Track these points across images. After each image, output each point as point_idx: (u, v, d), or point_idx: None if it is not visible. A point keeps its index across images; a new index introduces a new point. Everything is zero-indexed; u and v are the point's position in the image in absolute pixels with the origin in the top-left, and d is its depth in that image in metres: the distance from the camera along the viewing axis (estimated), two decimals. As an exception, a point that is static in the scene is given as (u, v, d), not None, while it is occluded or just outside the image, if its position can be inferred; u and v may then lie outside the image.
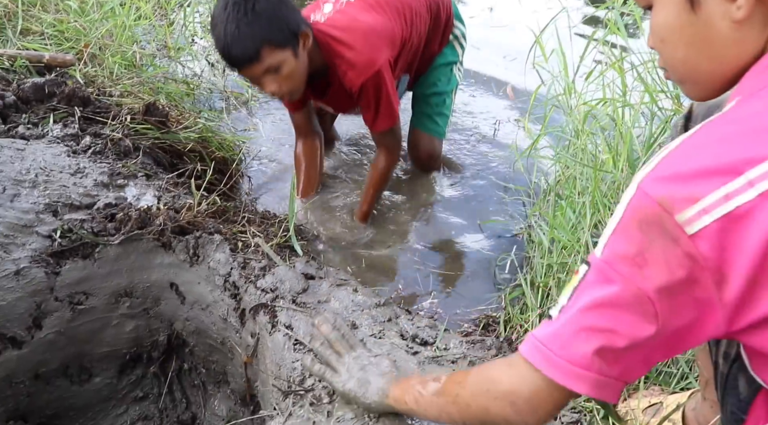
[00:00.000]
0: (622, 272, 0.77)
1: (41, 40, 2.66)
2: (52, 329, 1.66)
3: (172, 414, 1.89)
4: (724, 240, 0.70)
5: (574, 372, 0.83)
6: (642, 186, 0.76)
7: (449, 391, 1.06)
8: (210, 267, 1.75)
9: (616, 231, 0.79)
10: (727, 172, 0.70)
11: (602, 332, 0.80)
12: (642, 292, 0.76)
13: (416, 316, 1.75)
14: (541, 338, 0.86)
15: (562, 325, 0.84)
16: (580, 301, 0.82)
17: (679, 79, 0.91)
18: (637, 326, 0.78)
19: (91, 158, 2.00)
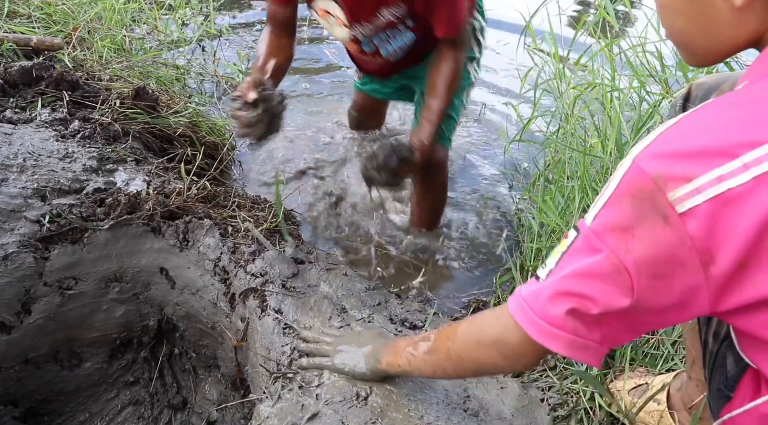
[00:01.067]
0: (608, 244, 0.78)
1: (28, 23, 2.64)
2: (42, 314, 1.66)
3: (162, 399, 1.89)
4: (714, 221, 0.70)
5: (549, 330, 0.86)
6: (638, 161, 0.75)
7: (440, 347, 1.10)
8: (200, 252, 1.75)
9: (608, 203, 0.79)
10: (723, 154, 0.70)
11: (577, 296, 0.82)
12: (621, 264, 0.77)
13: (406, 300, 1.76)
14: (525, 296, 0.90)
15: (544, 287, 0.87)
16: (565, 267, 0.84)
17: (676, 44, 0.92)
18: (611, 296, 0.80)
19: (79, 143, 1.99)
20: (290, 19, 1.95)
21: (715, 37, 0.83)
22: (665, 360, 1.46)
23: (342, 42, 2.06)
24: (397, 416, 1.28)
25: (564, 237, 0.87)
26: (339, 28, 1.93)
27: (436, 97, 1.86)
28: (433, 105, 1.86)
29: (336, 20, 1.91)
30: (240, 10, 3.90)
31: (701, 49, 0.86)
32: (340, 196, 2.48)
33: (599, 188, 1.86)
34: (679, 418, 1.26)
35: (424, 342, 1.16)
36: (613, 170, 1.85)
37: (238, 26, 3.70)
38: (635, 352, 1.48)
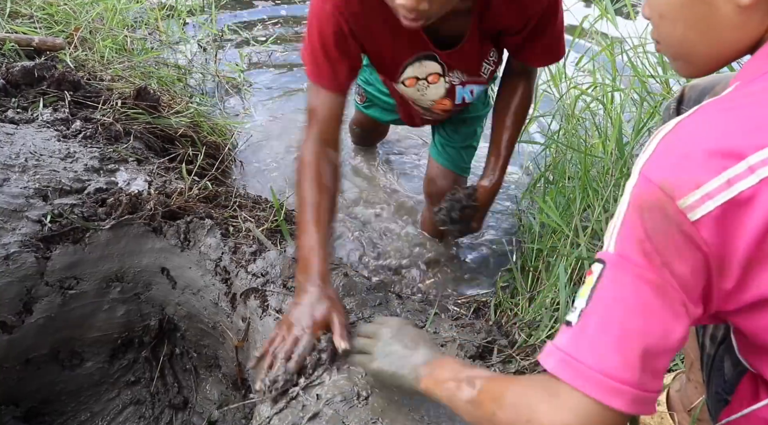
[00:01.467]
0: (638, 262, 0.74)
1: (30, 23, 2.65)
2: (43, 314, 1.66)
3: (164, 399, 1.89)
4: (726, 226, 0.70)
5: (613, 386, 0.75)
6: (644, 172, 0.74)
7: (486, 407, 0.95)
8: (201, 252, 1.75)
9: (625, 222, 0.76)
10: (728, 156, 0.69)
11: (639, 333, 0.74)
12: (666, 282, 0.73)
13: (407, 300, 1.76)
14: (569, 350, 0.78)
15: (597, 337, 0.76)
16: (604, 302, 0.77)
17: (672, 55, 0.89)
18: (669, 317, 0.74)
19: (81, 143, 1.99)
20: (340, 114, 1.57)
21: (717, 42, 0.81)
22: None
23: (430, 105, 1.82)
24: (398, 416, 1.28)
25: (587, 274, 0.80)
26: (433, 87, 1.71)
27: (507, 137, 1.73)
28: (504, 146, 1.73)
29: (431, 77, 1.67)
30: (242, 9, 3.90)
31: (702, 57, 0.84)
32: (344, 197, 2.48)
33: (600, 189, 1.86)
34: (678, 419, 1.26)
35: (469, 387, 1.00)
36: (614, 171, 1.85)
37: (239, 26, 3.70)
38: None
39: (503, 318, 1.79)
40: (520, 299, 1.82)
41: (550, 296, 1.72)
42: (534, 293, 1.82)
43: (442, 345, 1.53)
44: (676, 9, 0.82)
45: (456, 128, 2.03)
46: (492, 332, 1.62)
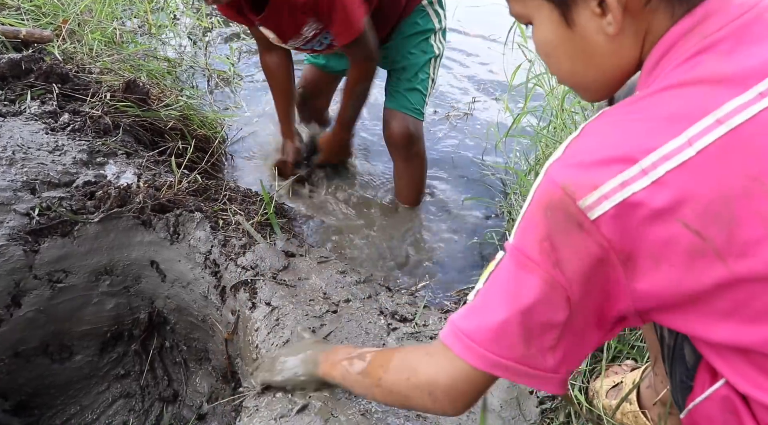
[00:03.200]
0: (533, 258, 0.80)
1: (17, 15, 2.62)
2: (32, 307, 1.66)
3: (153, 392, 1.89)
4: (623, 224, 0.74)
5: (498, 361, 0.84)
6: (549, 173, 0.78)
7: (373, 374, 1.08)
8: (190, 245, 1.75)
9: (525, 217, 0.81)
10: (623, 160, 0.73)
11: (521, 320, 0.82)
12: (554, 278, 0.79)
13: (396, 293, 1.77)
14: (461, 326, 0.88)
15: (481, 312, 0.86)
16: (495, 287, 0.85)
17: (570, 86, 0.95)
18: (551, 311, 0.80)
19: (69, 136, 1.98)
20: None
21: (601, 68, 0.86)
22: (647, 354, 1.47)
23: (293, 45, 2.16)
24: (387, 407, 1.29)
25: (492, 259, 0.88)
26: (271, 35, 2.10)
27: (344, 106, 2.22)
28: (343, 113, 2.25)
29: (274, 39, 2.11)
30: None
31: (595, 83, 0.89)
32: (334, 188, 2.48)
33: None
34: (651, 416, 1.27)
35: (360, 360, 1.14)
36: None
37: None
38: (623, 344, 1.49)
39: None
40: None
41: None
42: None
43: (431, 338, 1.54)
44: (557, 48, 0.87)
45: (398, 75, 2.26)
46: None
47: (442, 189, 2.53)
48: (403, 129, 2.23)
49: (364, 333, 1.53)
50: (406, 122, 2.23)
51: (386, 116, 2.27)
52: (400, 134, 2.23)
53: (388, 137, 2.28)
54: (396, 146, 2.28)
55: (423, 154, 2.34)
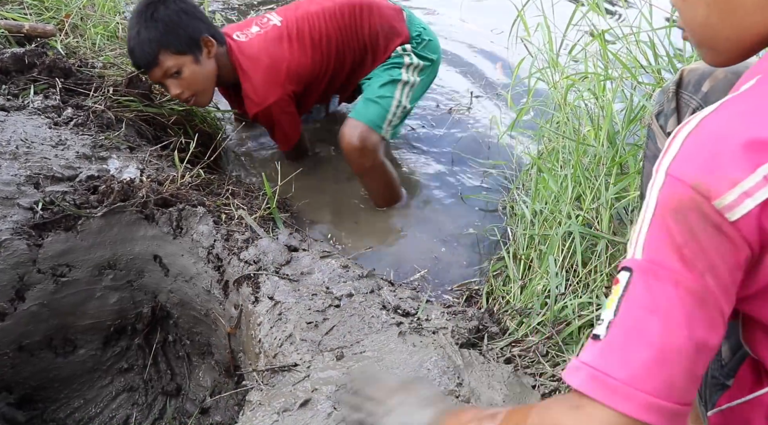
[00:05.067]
0: (674, 269, 0.69)
1: (20, 9, 2.62)
2: (35, 301, 1.66)
3: (156, 386, 1.90)
4: (763, 222, 0.67)
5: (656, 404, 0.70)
6: (671, 172, 0.70)
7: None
8: (193, 239, 1.75)
9: (653, 226, 0.71)
10: (761, 150, 0.66)
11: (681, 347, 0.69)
12: (706, 290, 0.69)
13: (399, 288, 1.77)
14: (599, 366, 0.72)
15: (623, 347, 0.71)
16: (635, 312, 0.72)
17: (696, 42, 0.86)
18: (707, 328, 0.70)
19: (72, 130, 1.99)
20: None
21: (740, 25, 0.78)
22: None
23: None
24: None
25: (613, 284, 0.75)
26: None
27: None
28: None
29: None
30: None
31: (725, 42, 0.81)
32: (338, 183, 2.48)
33: (592, 177, 1.87)
34: None
35: (491, 421, 0.94)
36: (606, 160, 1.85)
37: (230, 12, 3.68)
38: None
39: (495, 306, 1.80)
40: (511, 287, 1.83)
41: (541, 283, 1.73)
42: (526, 280, 1.83)
43: (434, 333, 1.55)
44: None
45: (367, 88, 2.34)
46: (483, 319, 1.63)
47: (443, 184, 2.53)
48: (355, 140, 2.21)
49: (366, 327, 1.53)
50: (356, 130, 2.22)
51: (343, 125, 2.28)
52: (353, 145, 2.22)
53: (343, 148, 2.26)
54: (349, 158, 2.27)
55: (379, 166, 2.29)
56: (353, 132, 2.22)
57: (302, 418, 1.24)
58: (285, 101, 2.21)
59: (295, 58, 2.19)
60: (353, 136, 2.22)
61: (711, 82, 1.06)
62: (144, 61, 2.06)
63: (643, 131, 1.93)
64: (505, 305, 1.78)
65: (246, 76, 2.18)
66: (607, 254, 1.70)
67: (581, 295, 1.64)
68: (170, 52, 2.04)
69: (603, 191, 1.79)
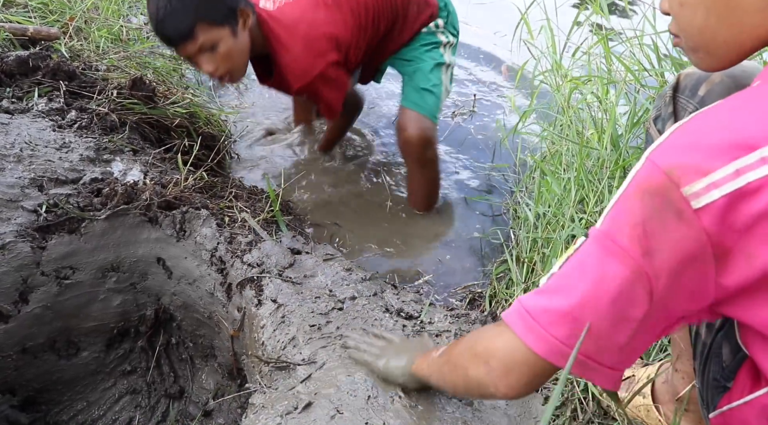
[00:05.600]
0: (622, 245, 0.74)
1: (25, 12, 2.63)
2: (39, 303, 1.67)
3: (160, 388, 1.90)
4: (729, 215, 0.69)
5: (558, 346, 0.79)
6: (651, 158, 0.73)
7: (447, 351, 1.06)
8: (197, 242, 1.75)
9: (619, 202, 0.76)
10: (740, 147, 0.68)
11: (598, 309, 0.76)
12: (641, 268, 0.73)
13: (402, 291, 1.77)
14: (527, 305, 0.83)
15: (553, 294, 0.80)
16: (573, 271, 0.79)
17: (692, 46, 0.86)
18: (631, 304, 0.75)
19: (76, 133, 1.99)
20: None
21: (739, 27, 0.79)
22: (662, 350, 1.47)
23: None
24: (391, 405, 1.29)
25: (573, 243, 0.82)
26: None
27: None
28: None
29: None
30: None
31: (723, 46, 0.82)
32: (341, 186, 2.48)
33: (595, 180, 1.86)
34: (664, 411, 1.26)
35: (444, 347, 1.11)
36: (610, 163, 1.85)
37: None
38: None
39: (498, 309, 1.80)
40: (515, 290, 1.82)
41: (544, 286, 1.73)
42: (529, 283, 1.83)
43: (437, 336, 1.54)
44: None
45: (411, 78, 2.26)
46: (486, 322, 1.63)
47: (447, 186, 2.53)
48: (419, 132, 2.18)
49: (370, 330, 1.53)
50: (421, 124, 2.19)
51: (402, 116, 2.23)
52: (417, 137, 2.19)
53: (404, 140, 2.22)
54: (411, 151, 2.24)
55: (437, 158, 2.31)
56: (418, 125, 2.17)
57: (305, 421, 1.24)
58: (331, 69, 2.04)
59: (336, 25, 2.02)
60: (419, 129, 2.17)
61: (707, 86, 1.07)
62: (177, 35, 1.81)
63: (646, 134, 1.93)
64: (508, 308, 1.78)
65: (284, 47, 1.98)
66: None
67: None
68: (207, 24, 1.80)
69: (606, 194, 1.78)
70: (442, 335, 1.54)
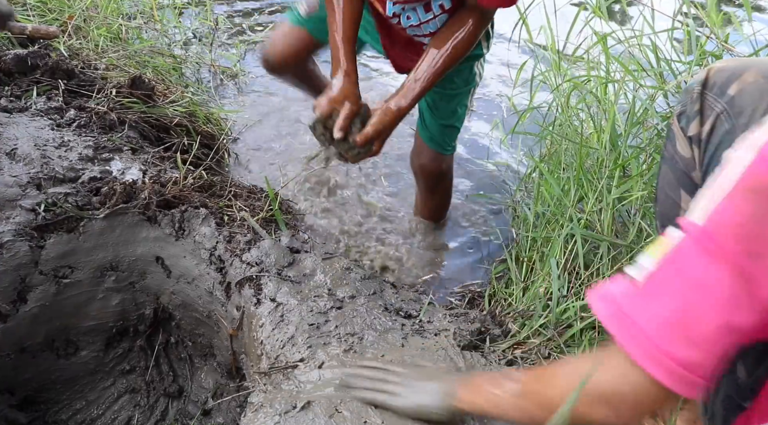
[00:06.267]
0: (726, 247, 0.69)
1: (23, 10, 2.63)
2: (37, 302, 1.66)
3: (159, 387, 1.90)
4: None
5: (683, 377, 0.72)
6: (765, 152, 0.67)
7: (533, 393, 0.93)
8: (196, 241, 1.75)
9: (726, 200, 0.69)
10: None
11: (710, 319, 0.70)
12: (744, 270, 0.68)
13: (401, 290, 1.77)
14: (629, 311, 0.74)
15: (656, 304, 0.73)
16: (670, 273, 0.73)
17: None
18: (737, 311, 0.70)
19: (75, 132, 1.99)
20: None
21: None
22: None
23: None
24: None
25: (662, 234, 0.76)
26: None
27: (434, 62, 1.61)
28: (427, 71, 1.62)
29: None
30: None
31: None
32: (340, 185, 2.48)
33: (594, 179, 1.86)
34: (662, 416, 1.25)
35: (511, 382, 0.98)
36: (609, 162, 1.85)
37: (235, 15, 3.69)
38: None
39: (497, 308, 1.80)
40: (514, 289, 1.82)
41: (543, 286, 1.73)
42: (528, 283, 1.83)
43: (435, 335, 1.54)
44: None
45: (438, 104, 1.99)
46: (485, 321, 1.63)
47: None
48: (434, 167, 2.09)
49: (369, 328, 1.53)
50: (438, 161, 2.08)
51: (419, 145, 2.09)
52: (430, 170, 2.10)
53: (418, 169, 2.13)
54: (424, 179, 2.16)
55: (450, 184, 2.22)
56: (434, 162, 2.07)
57: (304, 420, 1.24)
58: None
59: None
60: (434, 165, 2.08)
61: (739, 85, 1.00)
62: None
63: (645, 133, 1.93)
64: (507, 307, 1.78)
65: None
66: (609, 256, 1.69)
67: (583, 297, 1.64)
68: None
69: (605, 193, 1.78)
70: (440, 334, 1.54)
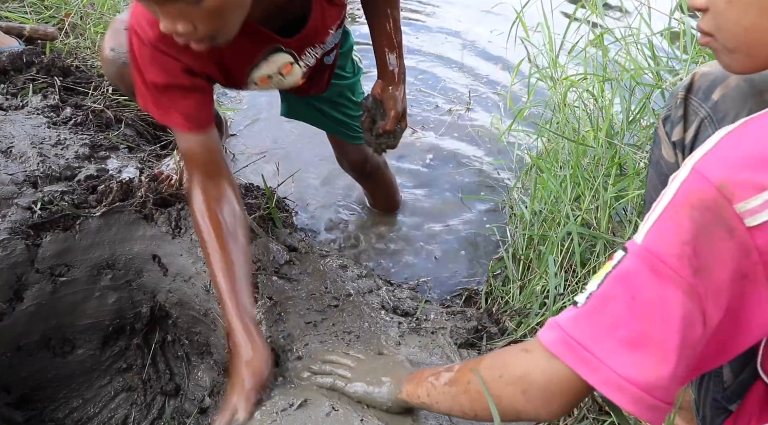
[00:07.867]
0: (671, 264, 0.69)
1: (20, 8, 2.62)
2: (34, 301, 1.66)
3: (155, 385, 1.90)
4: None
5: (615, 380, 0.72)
6: (698, 168, 0.68)
7: (462, 379, 0.96)
8: (192, 239, 1.75)
9: (663, 216, 0.70)
10: None
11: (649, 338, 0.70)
12: (693, 288, 0.68)
13: (398, 288, 1.77)
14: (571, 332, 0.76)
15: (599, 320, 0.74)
16: (616, 293, 0.73)
17: (731, 47, 0.81)
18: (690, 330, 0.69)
19: (71, 130, 1.98)
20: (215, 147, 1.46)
21: None
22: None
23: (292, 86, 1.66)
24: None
25: (608, 259, 0.76)
26: (289, 76, 1.57)
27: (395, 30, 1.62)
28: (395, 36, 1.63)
29: (284, 68, 1.52)
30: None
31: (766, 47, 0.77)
32: (336, 184, 2.48)
33: (591, 178, 1.87)
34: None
35: (448, 372, 1.02)
36: (605, 161, 1.85)
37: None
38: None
39: (494, 306, 1.80)
40: (511, 287, 1.83)
41: (540, 284, 1.74)
42: (525, 281, 1.83)
43: (432, 333, 1.55)
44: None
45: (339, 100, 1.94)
46: (482, 319, 1.63)
47: (442, 184, 2.53)
48: (362, 157, 2.10)
49: (365, 326, 1.53)
50: (363, 151, 2.07)
51: (340, 147, 2.09)
52: (361, 162, 2.12)
53: (350, 167, 2.16)
54: (358, 173, 2.20)
55: (379, 164, 2.20)
56: (360, 155, 2.09)
57: (301, 417, 1.24)
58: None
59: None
60: (361, 157, 2.10)
61: (722, 90, 1.01)
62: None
63: (642, 132, 1.93)
64: (504, 305, 1.78)
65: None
66: (605, 254, 1.70)
67: (580, 296, 1.64)
68: None
69: (602, 191, 1.79)
70: (437, 332, 1.54)
